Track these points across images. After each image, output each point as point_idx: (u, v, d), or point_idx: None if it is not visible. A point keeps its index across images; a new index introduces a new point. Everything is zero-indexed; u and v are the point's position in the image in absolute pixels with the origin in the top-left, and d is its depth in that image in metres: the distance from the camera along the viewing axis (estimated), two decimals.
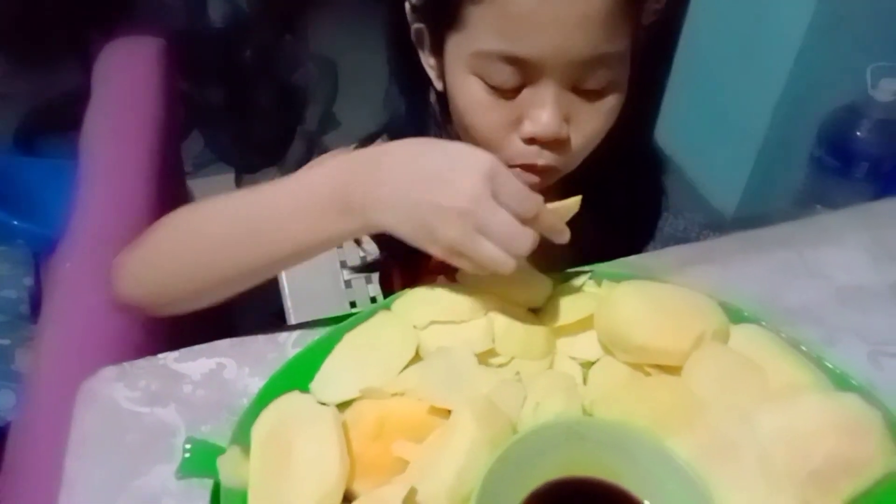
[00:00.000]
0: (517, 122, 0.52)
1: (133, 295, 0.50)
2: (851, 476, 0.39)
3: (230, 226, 0.47)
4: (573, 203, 0.46)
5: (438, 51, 0.54)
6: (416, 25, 0.56)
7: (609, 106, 0.52)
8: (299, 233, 0.46)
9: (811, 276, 0.58)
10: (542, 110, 0.50)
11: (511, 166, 0.53)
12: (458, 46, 0.51)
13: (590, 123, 0.52)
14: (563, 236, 0.45)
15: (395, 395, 0.43)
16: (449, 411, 0.42)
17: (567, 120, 0.51)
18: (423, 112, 0.61)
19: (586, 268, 0.53)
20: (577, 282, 0.51)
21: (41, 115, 1.58)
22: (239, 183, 1.78)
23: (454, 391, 0.42)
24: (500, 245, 0.41)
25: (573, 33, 0.47)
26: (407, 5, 0.55)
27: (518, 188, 0.42)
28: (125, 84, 0.89)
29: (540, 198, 0.43)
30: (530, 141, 0.52)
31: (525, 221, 0.42)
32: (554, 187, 0.55)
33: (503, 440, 0.38)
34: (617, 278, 0.50)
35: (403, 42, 0.57)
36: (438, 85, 0.57)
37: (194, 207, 0.51)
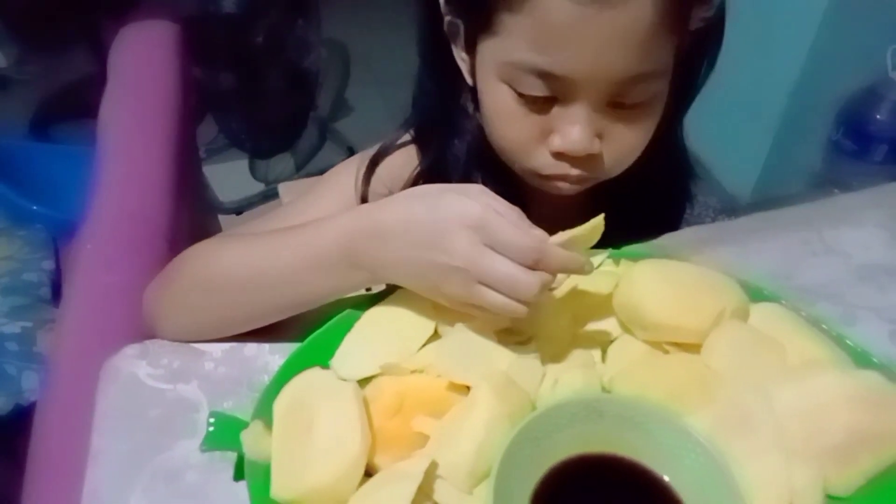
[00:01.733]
0: (546, 134, 0.50)
1: (161, 328, 0.51)
2: (872, 451, 0.39)
3: (250, 277, 0.48)
4: (595, 227, 0.41)
5: (471, 49, 0.52)
6: (449, 18, 0.53)
7: (645, 121, 0.50)
8: (316, 286, 0.46)
9: (829, 254, 0.58)
10: (573, 127, 0.48)
11: (542, 176, 0.53)
12: (491, 52, 0.49)
13: (624, 139, 0.50)
14: (584, 270, 0.41)
15: (414, 371, 0.44)
16: (467, 387, 0.42)
17: (600, 136, 0.49)
18: (453, 104, 0.58)
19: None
20: (596, 261, 0.51)
21: (56, 101, 1.59)
22: (252, 169, 1.79)
23: (473, 367, 0.43)
24: (505, 293, 0.40)
25: (612, 52, 0.44)
26: None
27: (511, 237, 0.39)
28: (141, 69, 0.90)
29: (540, 240, 0.40)
30: (559, 155, 0.50)
31: (531, 265, 0.39)
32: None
33: (522, 416, 0.39)
34: (635, 257, 0.50)
35: (436, 31, 0.55)
36: (469, 80, 0.55)
37: (215, 249, 0.51)
